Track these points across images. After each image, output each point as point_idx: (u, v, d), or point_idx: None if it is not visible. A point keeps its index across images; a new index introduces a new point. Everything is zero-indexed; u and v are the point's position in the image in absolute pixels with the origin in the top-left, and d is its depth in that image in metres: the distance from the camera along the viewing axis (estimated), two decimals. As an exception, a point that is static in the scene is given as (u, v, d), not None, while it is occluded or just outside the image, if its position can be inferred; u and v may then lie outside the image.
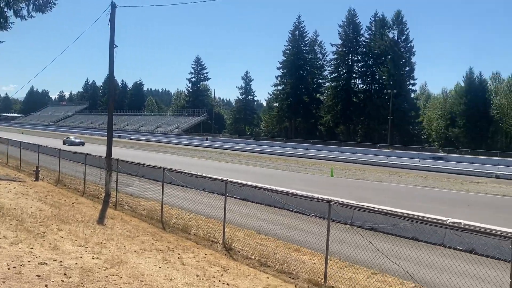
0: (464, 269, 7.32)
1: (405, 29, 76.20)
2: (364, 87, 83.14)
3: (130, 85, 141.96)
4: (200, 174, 16.84)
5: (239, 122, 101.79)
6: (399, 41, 76.39)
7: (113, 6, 15.91)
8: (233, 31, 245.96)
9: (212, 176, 15.06)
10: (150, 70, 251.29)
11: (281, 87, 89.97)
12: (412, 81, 77.71)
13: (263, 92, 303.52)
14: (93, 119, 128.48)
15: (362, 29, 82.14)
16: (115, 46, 16.14)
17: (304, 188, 18.29)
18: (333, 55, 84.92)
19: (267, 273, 8.11)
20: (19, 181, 18.65)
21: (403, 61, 75.94)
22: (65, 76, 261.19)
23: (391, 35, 77.34)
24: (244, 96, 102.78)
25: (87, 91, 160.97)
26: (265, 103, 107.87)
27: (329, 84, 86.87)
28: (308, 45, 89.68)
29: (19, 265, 7.21)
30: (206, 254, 9.24)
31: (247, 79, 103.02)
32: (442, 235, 10.08)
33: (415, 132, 76.84)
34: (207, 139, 75.10)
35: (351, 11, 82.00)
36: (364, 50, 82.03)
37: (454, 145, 67.90)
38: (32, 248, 8.40)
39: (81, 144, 47.60)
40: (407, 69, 76.49)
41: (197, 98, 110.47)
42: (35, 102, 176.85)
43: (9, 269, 6.96)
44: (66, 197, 15.58)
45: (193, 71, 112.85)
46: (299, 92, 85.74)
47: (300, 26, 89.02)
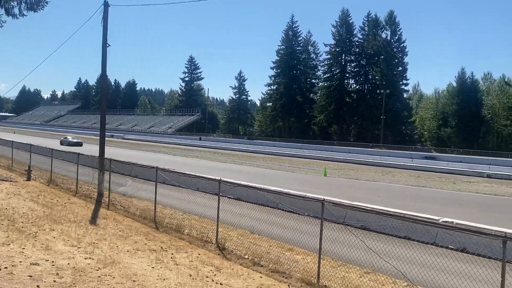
0: (456, 268, 7.38)
1: (397, 29, 76.54)
2: (357, 87, 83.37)
3: (123, 84, 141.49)
4: (193, 173, 16.82)
5: (232, 121, 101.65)
6: (392, 41, 76.69)
7: (106, 5, 15.85)
8: (227, 30, 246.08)
9: (205, 175, 15.04)
10: (143, 69, 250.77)
11: (275, 87, 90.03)
12: (404, 81, 78.13)
13: (257, 91, 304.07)
14: (85, 118, 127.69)
15: (355, 29, 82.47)
16: (108, 45, 16.11)
17: (297, 187, 18.33)
18: (327, 55, 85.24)
19: (261, 273, 8.12)
20: (11, 181, 18.52)
21: (396, 61, 76.26)
22: (58, 75, 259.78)
23: (384, 35, 77.66)
24: (237, 95, 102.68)
25: (80, 90, 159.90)
26: (258, 103, 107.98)
27: (322, 84, 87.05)
28: (301, 45, 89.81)
29: (11, 265, 7.16)
30: (199, 254, 9.23)
31: (241, 79, 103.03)
32: (434, 234, 10.14)
33: (407, 132, 77.23)
34: (200, 139, 74.95)
35: (345, 11, 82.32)
36: (357, 50, 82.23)
37: (446, 145, 68.36)
38: (23, 248, 8.35)
39: (79, 144, 46.44)
40: (400, 69, 76.85)
41: (191, 97, 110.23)
42: (27, 101, 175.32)
43: (0, 269, 6.91)
44: (58, 197, 15.49)
45: (186, 70, 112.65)
46: (292, 92, 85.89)
47: (293, 26, 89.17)
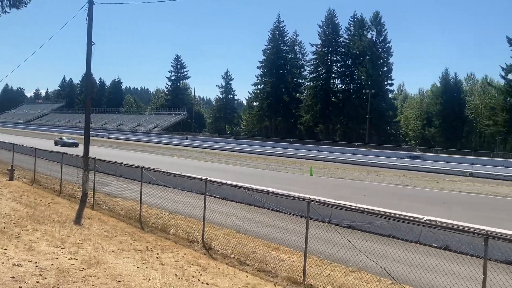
0: (439, 265, 7.51)
1: (383, 30, 77.33)
2: (343, 87, 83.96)
3: (108, 83, 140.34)
4: (179, 173, 16.77)
5: (219, 121, 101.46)
6: (377, 41, 77.40)
7: (91, 3, 15.69)
8: (213, 29, 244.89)
9: (191, 175, 15.00)
10: (128, 68, 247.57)
11: (262, 87, 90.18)
12: (389, 82, 78.93)
13: (244, 91, 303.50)
14: (70, 117, 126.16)
15: (341, 29, 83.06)
16: (92, 43, 15.94)
17: (284, 187, 18.37)
18: (313, 55, 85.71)
19: (247, 272, 8.13)
20: (-7, 181, 18.19)
21: (381, 61, 76.96)
22: (42, 73, 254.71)
23: (369, 36, 78.29)
24: (224, 95, 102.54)
25: (64, 89, 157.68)
26: (245, 102, 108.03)
27: (308, 84, 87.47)
28: (288, 44, 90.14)
29: (-7, 266, 7.05)
30: (185, 253, 9.19)
31: (228, 78, 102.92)
32: (418, 232, 10.27)
33: (392, 131, 78.09)
34: (187, 138, 74.65)
35: (331, 12, 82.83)
36: (343, 50, 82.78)
37: (430, 144, 69.31)
38: (6, 249, 8.22)
39: (75, 145, 43.60)
40: (385, 69, 77.62)
41: (177, 96, 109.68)
42: (10, 99, 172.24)
43: (-19, 271, 6.80)
44: (42, 197, 15.28)
45: (172, 69, 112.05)
46: (279, 91, 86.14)
47: (280, 25, 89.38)
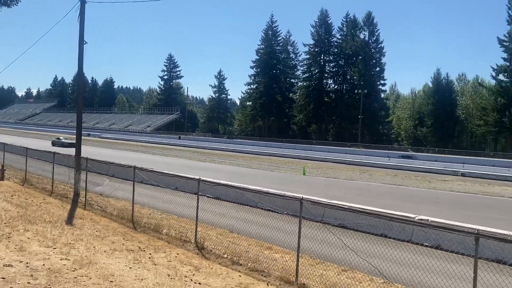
0: (431, 264, 7.57)
1: (375, 30, 77.64)
2: (335, 87, 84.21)
3: (100, 82, 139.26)
4: (172, 173, 16.73)
5: (212, 120, 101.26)
6: (370, 42, 77.70)
7: (83, 1, 15.59)
8: (206, 29, 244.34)
9: (184, 175, 14.97)
10: (121, 67, 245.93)
11: (255, 86, 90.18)
12: (382, 82, 79.33)
13: (237, 91, 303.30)
14: (61, 117, 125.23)
15: (334, 29, 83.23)
16: (85, 42, 15.85)
17: (277, 186, 18.40)
18: (306, 55, 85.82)
19: (239, 272, 8.13)
20: (-17, 181, 18.03)
21: (374, 61, 77.31)
22: (33, 72, 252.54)
23: (362, 36, 78.57)
24: (217, 94, 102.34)
25: (56, 88, 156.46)
26: (238, 102, 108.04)
27: (301, 83, 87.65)
28: (281, 44, 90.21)
29: (-17, 267, 6.98)
30: (178, 253, 9.17)
31: (221, 78, 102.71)
32: (410, 232, 10.33)
33: (385, 131, 78.45)
34: (180, 138, 74.44)
35: (323, 12, 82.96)
36: (336, 50, 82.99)
37: (422, 144, 69.75)
38: (-4, 249, 8.15)
39: (73, 145, 42.64)
40: (378, 69, 77.97)
41: (170, 96, 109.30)
42: (1, 99, 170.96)
43: (-28, 271, 6.73)
44: (33, 197, 15.17)
45: (165, 68, 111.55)
46: (272, 91, 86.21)
47: (273, 25, 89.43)
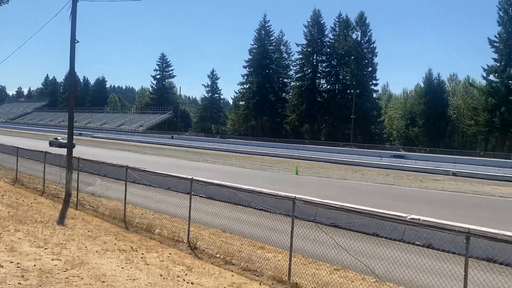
0: (422, 263, 7.62)
1: (368, 30, 77.98)
2: (328, 87, 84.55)
3: (92, 81, 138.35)
4: (164, 172, 16.68)
5: (205, 120, 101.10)
6: (362, 42, 78.07)
7: (75, 0, 15.46)
8: (199, 28, 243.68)
9: (177, 174, 14.94)
10: (113, 66, 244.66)
11: (248, 86, 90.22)
12: (374, 82, 79.86)
13: (230, 90, 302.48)
14: (53, 116, 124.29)
15: (326, 29, 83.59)
16: (76, 41, 15.72)
17: (269, 186, 18.42)
18: (298, 55, 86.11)
19: (232, 271, 8.13)
20: (-27, 181, 17.84)
21: (366, 61, 77.71)
22: (24, 71, 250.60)
23: (354, 36, 78.95)
24: (210, 94, 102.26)
25: (47, 87, 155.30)
26: (231, 102, 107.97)
27: (294, 83, 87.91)
28: (274, 44, 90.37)
29: (-27, 268, 6.91)
30: (170, 253, 9.15)
31: (213, 77, 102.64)
32: (402, 231, 10.40)
33: (377, 131, 78.87)
34: (172, 137, 74.24)
35: (316, 12, 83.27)
36: (328, 50, 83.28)
37: (414, 143, 70.25)
38: (-14, 250, 8.06)
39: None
40: (370, 69, 78.39)
41: (162, 95, 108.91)
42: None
43: (-39, 272, 6.66)
44: (24, 197, 15.03)
45: (158, 68, 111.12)
46: (265, 91, 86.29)
47: (266, 25, 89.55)
